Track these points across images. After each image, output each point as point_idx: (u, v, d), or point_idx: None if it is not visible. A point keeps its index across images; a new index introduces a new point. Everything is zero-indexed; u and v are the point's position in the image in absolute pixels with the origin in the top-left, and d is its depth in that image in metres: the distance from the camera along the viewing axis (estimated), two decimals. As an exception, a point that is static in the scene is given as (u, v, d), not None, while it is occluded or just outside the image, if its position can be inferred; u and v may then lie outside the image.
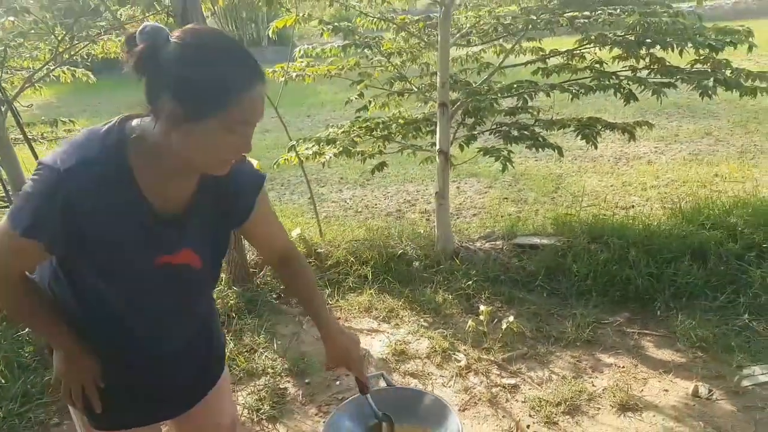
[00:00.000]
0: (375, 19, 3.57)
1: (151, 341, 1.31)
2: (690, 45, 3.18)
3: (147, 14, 3.32)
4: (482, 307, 2.95)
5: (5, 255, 1.13)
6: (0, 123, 3.37)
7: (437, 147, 3.56)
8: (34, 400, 2.61)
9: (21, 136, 3.59)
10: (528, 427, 2.35)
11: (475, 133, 3.71)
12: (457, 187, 5.49)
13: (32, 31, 3.33)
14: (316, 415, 2.53)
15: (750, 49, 3.21)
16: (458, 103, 3.57)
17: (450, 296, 3.30)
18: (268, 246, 1.47)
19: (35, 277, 1.28)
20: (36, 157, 3.52)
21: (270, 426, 2.49)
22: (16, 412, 2.53)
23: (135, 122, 1.11)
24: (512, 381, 2.65)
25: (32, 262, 1.20)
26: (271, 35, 3.44)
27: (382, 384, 1.66)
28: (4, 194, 3.69)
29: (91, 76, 4.16)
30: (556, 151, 3.50)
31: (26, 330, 3.04)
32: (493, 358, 2.80)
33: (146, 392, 1.35)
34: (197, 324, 1.41)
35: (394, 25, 3.64)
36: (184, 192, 1.18)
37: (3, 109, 3.34)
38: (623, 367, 2.72)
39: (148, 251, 1.17)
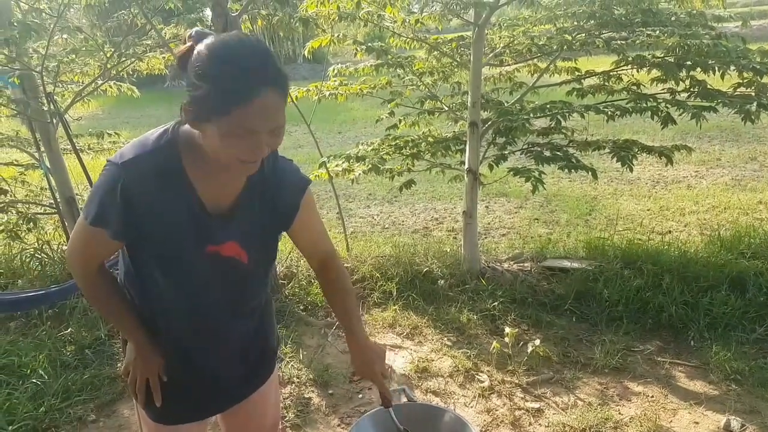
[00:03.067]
0: (408, 39, 3.62)
1: (207, 335, 1.38)
2: (733, 68, 3.11)
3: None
4: (507, 329, 2.91)
5: (82, 243, 1.28)
6: (52, 134, 3.56)
7: (466, 166, 3.56)
8: (74, 396, 2.72)
9: (69, 146, 3.78)
10: (550, 453, 2.30)
11: (506, 153, 3.69)
12: (487, 207, 5.46)
13: (83, 49, 3.53)
14: (338, 426, 2.54)
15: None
16: (489, 123, 3.58)
17: (475, 316, 3.27)
18: (311, 249, 1.49)
19: (115, 274, 1.41)
20: (83, 166, 3.71)
21: (293, 434, 2.52)
22: (57, 407, 2.64)
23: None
24: (536, 405, 2.60)
25: (105, 251, 1.30)
26: (306, 55, 3.54)
27: (404, 399, 1.68)
28: (53, 201, 3.88)
29: (136, 90, 4.35)
30: (589, 173, 3.45)
31: (68, 330, 3.18)
32: (517, 381, 2.76)
33: (202, 386, 1.43)
34: (251, 321, 1.46)
35: (427, 45, 3.68)
36: (232, 189, 1.26)
37: (55, 122, 3.53)
38: (652, 396, 2.64)
39: (197, 241, 1.24)
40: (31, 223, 3.78)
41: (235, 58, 1.07)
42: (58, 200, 3.81)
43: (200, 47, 1.09)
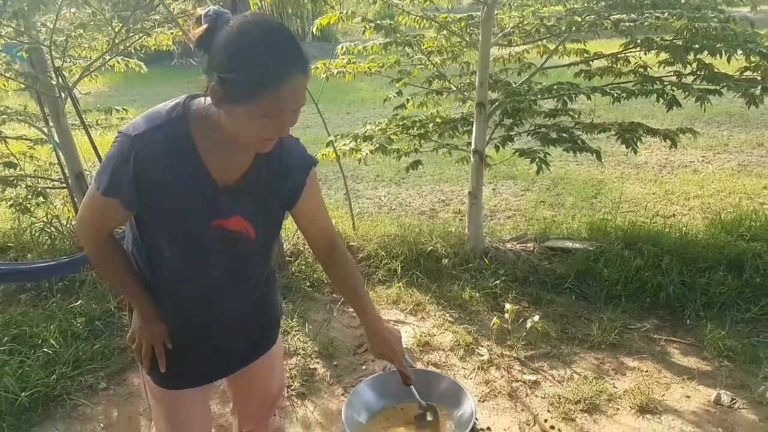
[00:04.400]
0: (417, 18, 3.62)
1: (211, 304, 1.43)
2: (740, 52, 3.11)
3: (199, 8, 3.48)
4: (508, 306, 2.97)
5: (93, 213, 1.31)
6: (60, 108, 3.60)
7: (472, 146, 3.59)
8: (84, 365, 2.82)
9: (77, 121, 3.83)
10: (545, 421, 2.37)
11: (512, 134, 3.72)
12: (494, 189, 5.49)
13: (91, 23, 3.55)
14: (342, 395, 2.63)
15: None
16: (497, 103, 3.60)
17: (477, 294, 3.34)
18: (315, 230, 1.51)
19: (123, 244, 1.45)
20: (92, 141, 3.76)
21: (299, 402, 2.61)
22: (68, 376, 2.74)
23: (199, 99, 1.23)
24: (533, 377, 2.67)
25: (115, 221, 1.34)
26: (315, 32, 3.55)
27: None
28: (62, 175, 3.94)
29: (143, 66, 4.37)
30: (594, 155, 3.47)
31: (78, 302, 3.26)
32: (515, 355, 2.83)
33: (206, 354, 1.48)
34: (255, 292, 1.51)
35: (436, 24, 3.69)
36: (240, 165, 1.30)
37: (63, 96, 3.57)
38: (647, 371, 2.70)
39: (204, 213, 1.28)
40: (41, 197, 3.84)
41: (267, 42, 1.10)
42: (67, 175, 3.86)
43: (230, 29, 1.10)
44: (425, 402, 1.54)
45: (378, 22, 3.51)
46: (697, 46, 3.16)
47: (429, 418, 1.54)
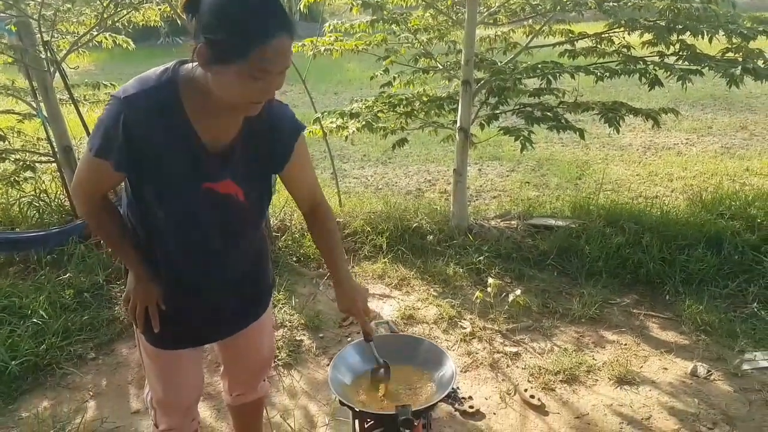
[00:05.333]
0: (404, -4, 3.63)
1: (203, 267, 1.47)
2: (722, 32, 3.15)
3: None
4: (490, 280, 3.04)
5: (87, 174, 1.34)
6: (49, 83, 3.59)
7: (458, 124, 3.63)
8: (73, 336, 2.85)
9: (65, 96, 3.82)
10: (526, 390, 2.44)
11: (498, 112, 3.76)
12: (479, 169, 5.54)
13: (80, -3, 3.53)
14: (327, 365, 2.67)
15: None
16: (482, 82, 3.63)
17: (461, 269, 3.40)
18: (303, 192, 1.55)
19: (119, 207, 1.49)
20: (80, 115, 3.75)
21: (285, 371, 2.67)
22: (57, 345, 2.77)
23: (188, 65, 1.26)
24: (514, 349, 2.75)
25: (108, 182, 1.37)
26: (302, 9, 3.55)
27: (382, 330, 1.81)
28: (50, 150, 3.93)
29: (131, 42, 4.35)
30: (577, 133, 3.52)
31: (67, 275, 3.28)
32: (497, 328, 2.90)
33: (199, 316, 1.53)
34: (246, 259, 1.55)
35: (423, 2, 3.70)
36: (230, 129, 1.33)
37: (52, 70, 3.55)
38: (625, 344, 2.78)
39: (194, 176, 1.31)
40: (29, 171, 3.84)
41: (253, 3, 1.12)
42: (56, 149, 3.86)
43: None
44: (382, 360, 1.63)
45: (365, -1, 3.52)
46: (680, 26, 3.21)
47: (382, 373, 1.63)
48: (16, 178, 3.79)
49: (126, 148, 1.23)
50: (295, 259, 3.62)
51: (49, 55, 3.45)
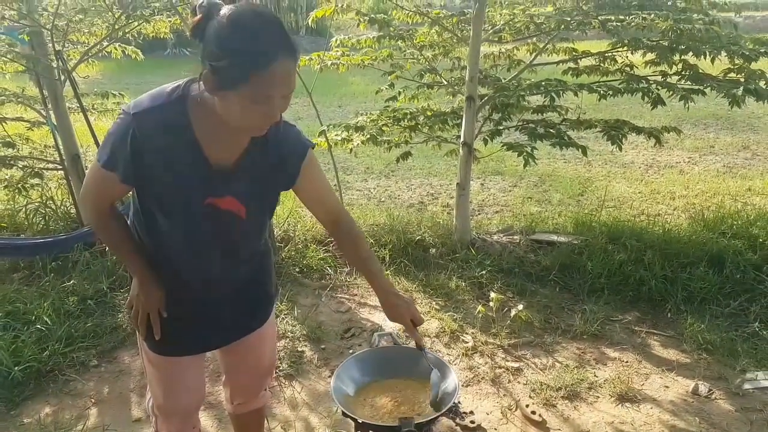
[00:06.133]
0: (410, 13, 3.69)
1: (205, 277, 1.50)
2: (724, 53, 3.20)
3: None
4: (493, 295, 3.05)
5: (94, 184, 1.39)
6: (59, 92, 3.64)
7: (461, 139, 3.67)
8: (77, 342, 2.86)
9: (74, 105, 3.86)
10: (527, 406, 2.44)
11: (501, 128, 3.80)
12: (482, 184, 5.57)
13: (92, 8, 3.59)
14: (329, 377, 2.69)
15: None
16: (486, 98, 3.67)
17: (463, 283, 3.41)
18: (318, 208, 1.57)
19: (125, 215, 1.53)
20: (89, 124, 3.80)
21: (287, 382, 2.68)
22: (60, 352, 2.78)
23: (197, 84, 1.28)
24: (516, 365, 2.75)
25: (115, 192, 1.41)
26: (310, 23, 3.61)
27: (384, 342, 1.83)
28: (58, 158, 3.98)
29: (140, 53, 4.41)
30: (580, 150, 3.56)
31: (71, 282, 3.30)
32: (499, 343, 2.91)
33: (201, 324, 1.55)
34: (247, 268, 1.58)
35: (429, 19, 3.76)
36: (235, 148, 1.36)
37: (63, 79, 3.61)
38: (627, 361, 2.79)
39: (197, 191, 1.35)
40: (36, 178, 3.88)
41: (254, 30, 1.15)
42: (64, 157, 3.90)
43: (220, 19, 1.15)
44: (432, 366, 1.59)
45: (372, 15, 3.58)
46: (682, 47, 3.25)
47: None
48: (24, 185, 3.82)
49: (132, 162, 1.27)
50: (298, 269, 3.64)
51: (60, 64, 3.50)
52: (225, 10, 1.17)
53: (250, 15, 1.17)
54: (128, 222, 1.52)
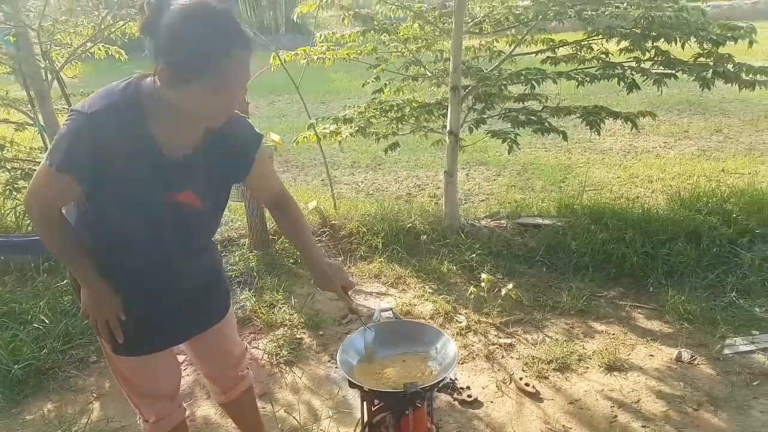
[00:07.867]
0: (393, 7, 3.78)
1: (163, 273, 1.51)
2: (694, 39, 3.34)
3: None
4: (483, 276, 3.15)
5: (45, 189, 1.34)
6: (46, 92, 3.64)
7: (448, 128, 3.76)
8: (75, 340, 2.89)
9: (60, 106, 3.87)
10: (521, 379, 2.55)
11: (485, 117, 3.91)
12: (467, 174, 5.68)
13: (78, 9, 3.60)
14: (328, 361, 2.77)
15: (750, 44, 3.35)
16: (469, 88, 3.78)
17: (454, 267, 3.51)
18: (266, 193, 1.66)
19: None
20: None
21: (287, 368, 2.75)
22: (58, 350, 2.81)
23: (149, 79, 1.29)
24: (508, 341, 2.86)
25: (68, 196, 1.38)
26: (295, 18, 3.67)
27: (386, 316, 1.91)
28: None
29: (123, 53, 4.42)
30: (560, 135, 3.68)
31: (65, 281, 3.31)
32: (491, 321, 3.01)
33: (163, 318, 1.56)
34: (203, 260, 1.62)
35: (412, 13, 3.85)
36: (190, 140, 1.37)
37: (50, 79, 3.61)
38: (613, 334, 2.91)
39: (155, 187, 1.35)
40: (26, 180, 3.87)
41: (205, 21, 1.17)
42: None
43: (171, 14, 1.16)
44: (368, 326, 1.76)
45: (356, 10, 3.65)
46: (654, 34, 3.39)
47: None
48: (12, 188, 3.82)
49: (90, 163, 1.24)
50: (291, 261, 3.70)
51: (47, 64, 3.51)
52: (175, 5, 1.18)
53: (201, 8, 1.19)
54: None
